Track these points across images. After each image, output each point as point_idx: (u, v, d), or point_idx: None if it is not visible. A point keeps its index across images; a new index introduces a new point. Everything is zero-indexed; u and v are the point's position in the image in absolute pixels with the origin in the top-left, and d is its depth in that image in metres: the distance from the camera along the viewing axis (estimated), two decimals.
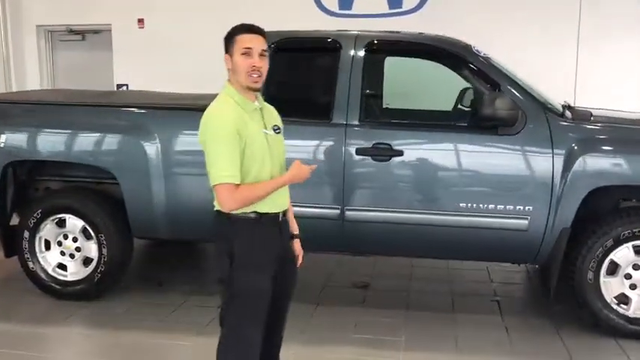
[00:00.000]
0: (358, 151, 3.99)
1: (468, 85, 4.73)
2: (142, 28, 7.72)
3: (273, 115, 2.77)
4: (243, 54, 2.56)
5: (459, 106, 4.74)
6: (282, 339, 2.97)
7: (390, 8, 7.17)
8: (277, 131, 2.71)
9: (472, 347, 3.83)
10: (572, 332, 4.03)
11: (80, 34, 8.11)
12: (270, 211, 2.64)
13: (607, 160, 3.86)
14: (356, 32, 4.25)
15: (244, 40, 2.57)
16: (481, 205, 3.92)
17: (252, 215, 2.61)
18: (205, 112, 2.60)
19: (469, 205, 3.93)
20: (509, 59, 4.35)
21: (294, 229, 2.88)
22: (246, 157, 2.54)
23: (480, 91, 4.12)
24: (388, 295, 4.74)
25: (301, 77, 4.55)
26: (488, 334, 4.04)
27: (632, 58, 6.50)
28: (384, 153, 3.96)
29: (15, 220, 4.69)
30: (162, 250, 5.90)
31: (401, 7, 7.15)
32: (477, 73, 4.08)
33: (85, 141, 4.33)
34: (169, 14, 7.60)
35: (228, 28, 2.66)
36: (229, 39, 2.61)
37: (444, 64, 4.23)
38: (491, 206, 3.91)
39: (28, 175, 4.71)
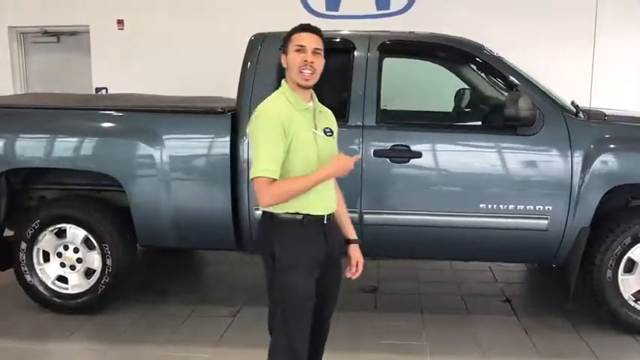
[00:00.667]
0: (376, 153, 3.92)
1: (465, 85, 4.77)
2: (122, 29, 7.47)
3: (327, 117, 2.70)
4: (296, 50, 2.52)
5: (462, 106, 4.72)
6: (324, 347, 2.88)
7: (378, 9, 7.15)
8: (329, 134, 2.63)
9: (497, 350, 3.80)
10: (591, 331, 4.04)
11: (55, 35, 7.79)
12: (313, 213, 2.56)
13: (624, 159, 3.89)
14: (369, 32, 4.18)
15: (299, 38, 2.54)
16: (501, 206, 3.90)
17: (295, 216, 2.54)
18: (257, 108, 2.57)
19: (489, 206, 3.90)
20: None
21: (350, 233, 2.79)
22: (291, 154, 2.49)
23: (494, 92, 4.11)
24: (399, 299, 4.69)
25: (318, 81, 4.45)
26: (509, 336, 4.02)
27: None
28: (402, 155, 3.90)
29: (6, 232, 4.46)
30: (158, 259, 5.71)
31: (388, 9, 7.13)
32: (494, 73, 4.07)
33: (90, 147, 4.12)
34: (151, 15, 7.39)
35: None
36: (286, 39, 2.58)
37: (459, 65, 4.19)
38: (511, 207, 3.89)
39: (21, 185, 4.47)
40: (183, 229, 4.16)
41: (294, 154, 2.50)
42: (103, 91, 7.47)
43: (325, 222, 2.62)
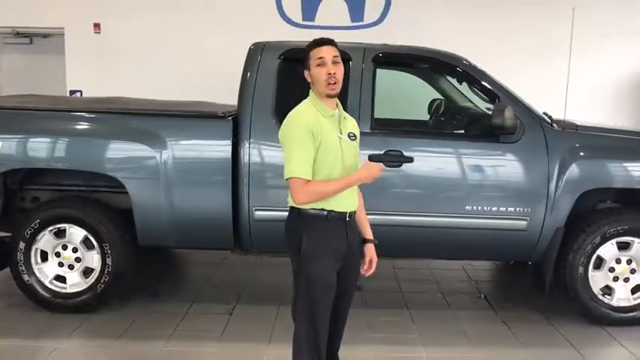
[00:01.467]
0: (371, 158, 4.16)
1: (440, 96, 5.11)
2: (98, 32, 7.49)
3: (351, 123, 2.94)
4: (318, 65, 2.76)
5: (449, 115, 5.04)
6: (341, 338, 3.10)
7: (352, 21, 7.44)
8: (352, 138, 2.88)
9: (483, 340, 4.12)
10: (564, 323, 4.41)
11: (28, 37, 7.73)
12: (336, 210, 2.81)
13: (594, 166, 4.28)
14: (364, 45, 4.44)
15: (318, 52, 2.78)
16: (485, 208, 4.23)
17: (320, 212, 2.79)
18: (288, 115, 2.81)
19: (474, 207, 4.23)
20: None
21: (367, 234, 3.04)
22: (319, 156, 2.74)
23: (479, 102, 4.45)
24: (385, 297, 4.96)
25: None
26: (491, 328, 4.36)
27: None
28: (395, 159, 4.17)
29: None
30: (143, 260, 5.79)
31: (362, 21, 7.43)
32: (479, 85, 4.40)
33: (93, 149, 4.22)
34: (128, 20, 7.45)
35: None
36: (305, 56, 2.81)
37: (447, 76, 4.51)
38: (494, 208, 4.23)
39: (17, 185, 4.52)
40: (184, 229, 4.31)
41: (322, 155, 2.75)
42: (78, 94, 7.48)
43: (347, 219, 2.86)
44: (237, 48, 6.81)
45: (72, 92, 7.53)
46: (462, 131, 4.63)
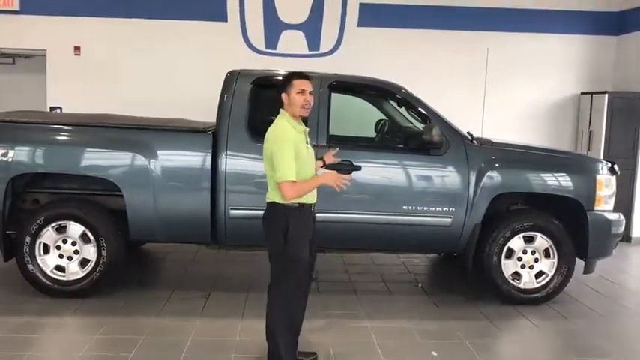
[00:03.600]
0: (327, 167, 5.08)
1: (384, 117, 6.11)
2: (79, 55, 8.23)
3: (308, 135, 3.84)
4: (298, 92, 3.65)
5: (389, 132, 6.03)
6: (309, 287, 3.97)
7: (309, 50, 8.41)
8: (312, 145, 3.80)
9: (416, 316, 5.06)
10: (483, 303, 5.40)
11: (11, 57, 8.40)
12: (307, 202, 3.71)
13: (505, 174, 5.31)
14: (321, 74, 5.37)
15: (300, 83, 3.68)
16: (418, 208, 5.21)
17: (298, 205, 3.66)
18: (271, 130, 3.68)
19: (409, 207, 5.20)
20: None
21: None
22: (298, 163, 3.61)
23: (412, 122, 5.47)
24: (337, 285, 5.86)
25: (277, 108, 5.58)
26: (424, 307, 5.32)
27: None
28: (346, 167, 5.08)
29: None
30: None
31: (318, 50, 8.42)
32: (414, 109, 5.41)
33: (95, 157, 5.03)
34: (106, 44, 8.21)
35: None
36: (287, 82, 3.69)
37: (389, 101, 5.50)
38: (425, 208, 5.22)
39: (22, 189, 5.25)
40: (169, 226, 5.13)
41: (300, 161, 3.62)
42: (58, 110, 8.16)
43: (312, 209, 3.77)
44: (208, 71, 7.86)
45: (52, 108, 8.21)
46: (401, 146, 5.60)
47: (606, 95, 8.04)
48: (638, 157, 8.01)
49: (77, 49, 8.22)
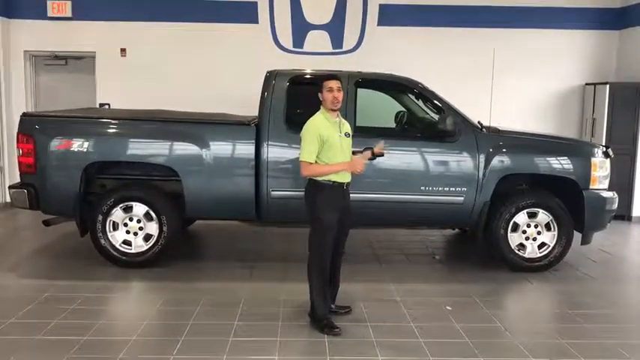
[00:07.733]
0: (354, 153, 5.89)
1: (403, 109, 6.88)
2: (124, 56, 9.10)
3: (346, 126, 4.65)
4: (327, 91, 4.45)
5: (408, 123, 6.81)
6: (341, 259, 4.79)
7: (333, 48, 9.20)
8: (347, 136, 4.60)
9: (433, 281, 5.88)
10: (492, 270, 6.18)
11: (64, 59, 9.30)
12: (337, 180, 4.51)
13: (510, 158, 6.07)
14: (348, 72, 6.16)
15: (328, 83, 4.49)
16: (434, 188, 5.99)
17: (328, 182, 4.48)
18: (307, 121, 4.49)
19: (427, 188, 5.98)
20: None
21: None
22: (325, 148, 4.42)
23: (429, 113, 6.25)
24: (363, 258, 6.66)
25: (310, 103, 6.33)
26: (439, 273, 6.16)
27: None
28: (371, 154, 5.89)
29: None
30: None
31: (342, 48, 9.21)
32: (429, 101, 6.19)
33: (157, 147, 5.89)
34: (149, 46, 9.08)
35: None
36: (320, 84, 4.50)
37: (407, 94, 6.30)
38: (440, 188, 5.99)
39: (92, 175, 6.12)
40: (220, 205, 5.98)
41: (327, 148, 4.43)
42: (106, 106, 9.05)
43: (345, 187, 4.57)
44: (242, 69, 8.70)
45: (101, 105, 9.10)
46: (418, 134, 6.37)
47: (608, 86, 8.74)
48: (637, 142, 8.70)
49: (123, 51, 9.10)
